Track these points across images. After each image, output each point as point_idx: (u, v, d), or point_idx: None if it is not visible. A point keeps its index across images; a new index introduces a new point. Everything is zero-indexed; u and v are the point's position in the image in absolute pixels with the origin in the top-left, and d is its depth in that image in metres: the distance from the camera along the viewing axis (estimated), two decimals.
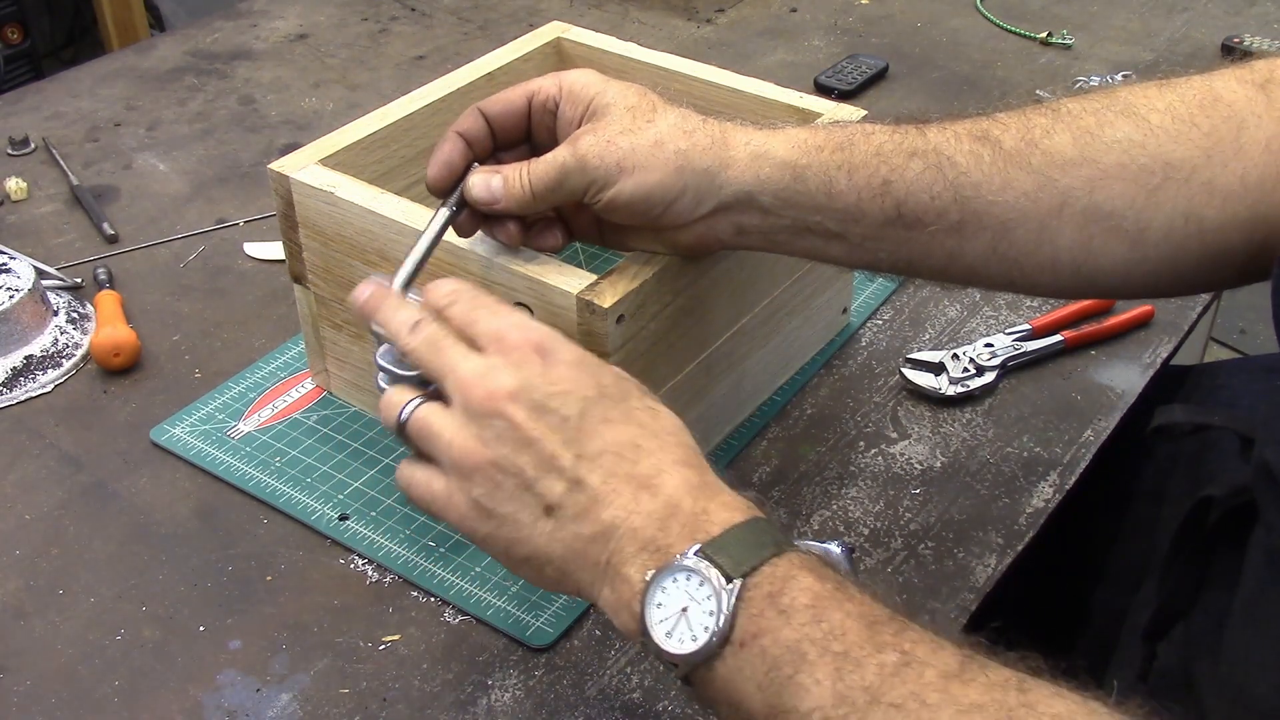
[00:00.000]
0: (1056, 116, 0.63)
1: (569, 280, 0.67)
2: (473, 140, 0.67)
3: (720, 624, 0.48)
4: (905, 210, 0.63)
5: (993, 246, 0.64)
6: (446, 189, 0.67)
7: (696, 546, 0.50)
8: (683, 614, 0.49)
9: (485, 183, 0.66)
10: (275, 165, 0.77)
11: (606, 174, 0.63)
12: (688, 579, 0.49)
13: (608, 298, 0.66)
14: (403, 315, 0.59)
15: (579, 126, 0.66)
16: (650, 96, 0.66)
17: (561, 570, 0.54)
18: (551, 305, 0.67)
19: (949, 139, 0.63)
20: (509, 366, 0.55)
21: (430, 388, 0.58)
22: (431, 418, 0.56)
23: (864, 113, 0.81)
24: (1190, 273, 0.64)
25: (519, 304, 0.69)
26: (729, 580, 0.49)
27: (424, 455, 0.57)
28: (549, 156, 0.65)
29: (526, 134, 0.69)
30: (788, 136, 0.65)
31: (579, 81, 0.67)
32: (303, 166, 0.77)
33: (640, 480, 0.53)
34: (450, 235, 0.70)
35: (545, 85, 0.68)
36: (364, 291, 0.61)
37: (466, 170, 0.67)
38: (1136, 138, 0.62)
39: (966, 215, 0.63)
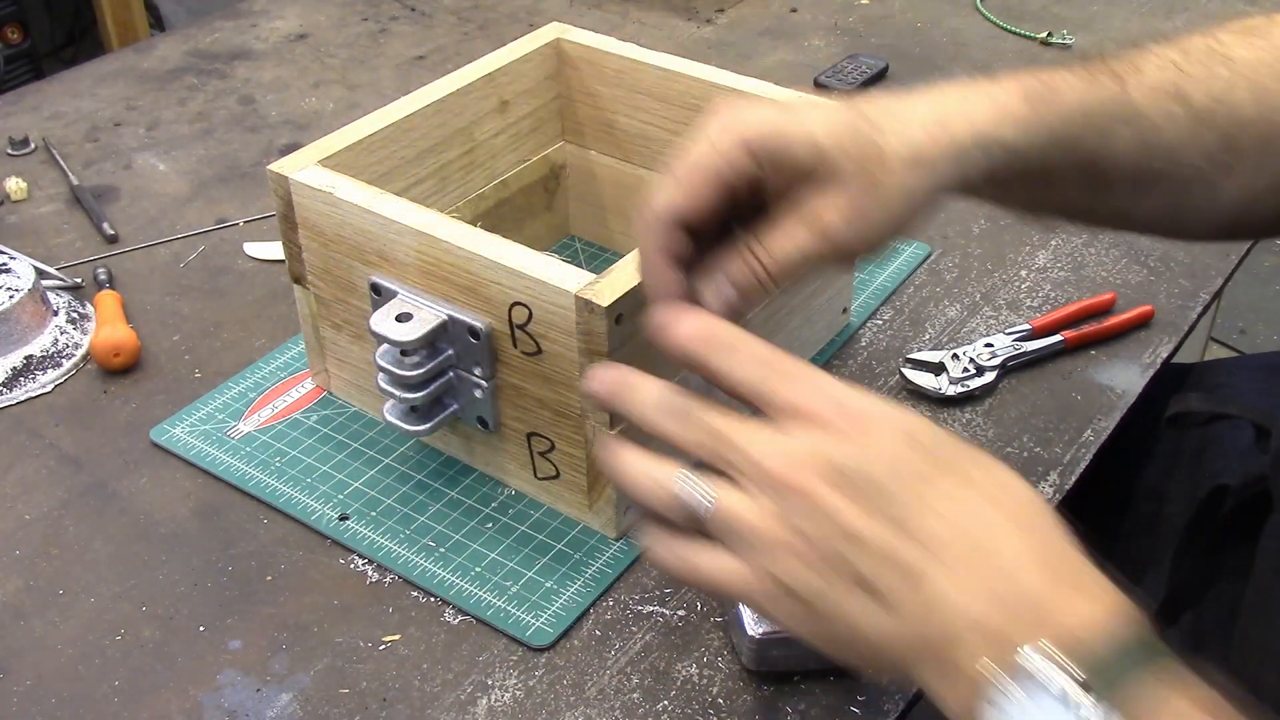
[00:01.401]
0: (1234, 69, 0.61)
1: (567, 279, 0.67)
2: (680, 256, 0.57)
3: None
4: (1106, 177, 0.61)
5: (1170, 203, 0.62)
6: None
7: (1050, 649, 0.41)
8: None
9: (718, 294, 0.56)
10: (275, 166, 0.77)
11: (857, 246, 0.56)
12: (1039, 691, 0.40)
13: (606, 296, 0.66)
14: (654, 398, 0.52)
15: (794, 189, 0.56)
16: (860, 120, 0.56)
17: (887, 657, 0.46)
18: (550, 304, 0.67)
19: (1150, 99, 0.60)
20: (803, 434, 0.48)
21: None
22: (729, 504, 0.49)
23: None
24: None
25: (516, 304, 0.69)
26: (1090, 694, 0.40)
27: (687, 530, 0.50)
28: (790, 241, 0.55)
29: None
30: (1013, 116, 0.57)
31: (774, 141, 0.55)
32: (302, 167, 0.76)
33: (981, 558, 0.45)
34: (446, 232, 0.70)
35: (731, 156, 0.55)
36: (602, 380, 0.53)
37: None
38: None
39: (1153, 175, 0.61)
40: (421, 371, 0.72)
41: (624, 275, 0.67)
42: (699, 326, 0.52)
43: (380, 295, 0.75)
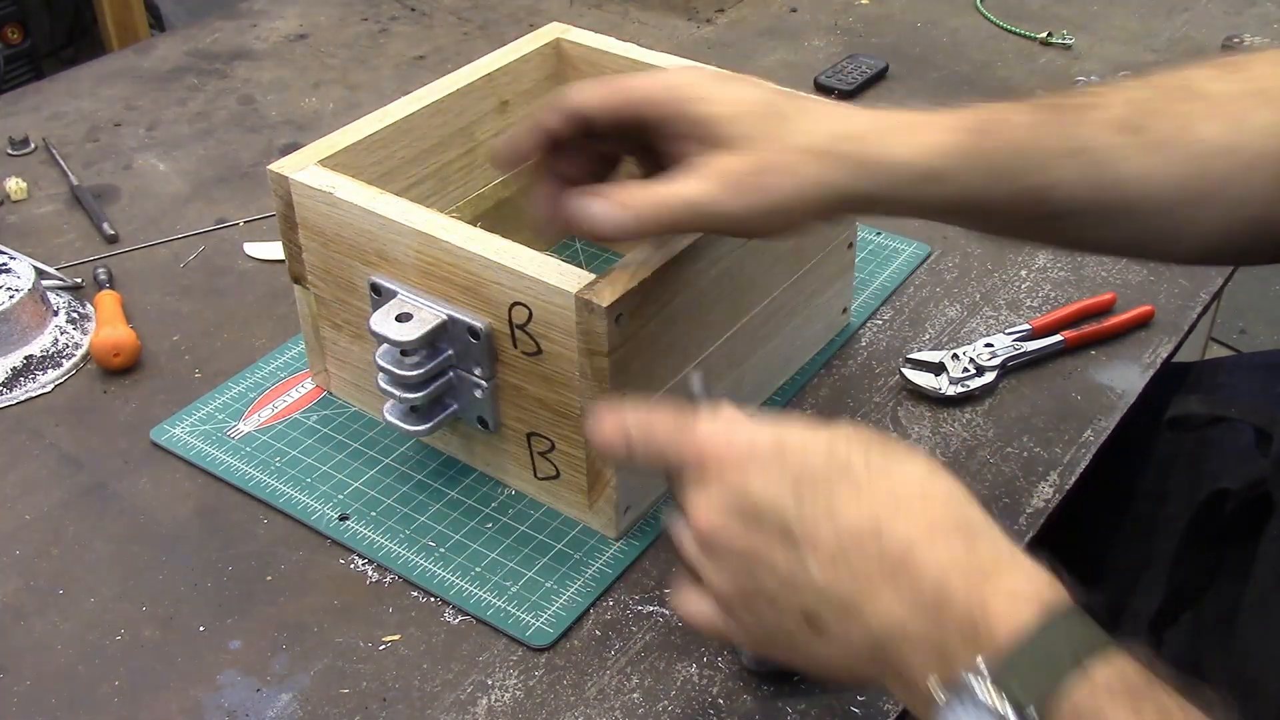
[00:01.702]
0: (1204, 103, 0.61)
1: (567, 279, 0.67)
2: (555, 136, 0.64)
3: None
4: (1058, 210, 0.61)
5: (1136, 231, 0.62)
6: (503, 165, 0.67)
7: (982, 665, 0.43)
8: None
9: (583, 208, 0.61)
10: (275, 166, 0.77)
11: (740, 220, 0.59)
12: (974, 712, 0.43)
13: (606, 296, 0.65)
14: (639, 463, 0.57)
15: (694, 145, 0.60)
16: (776, 110, 0.60)
17: (860, 676, 0.50)
18: (550, 304, 0.67)
19: (1103, 133, 0.60)
20: (709, 485, 0.51)
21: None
22: (689, 562, 0.54)
23: None
24: None
25: (516, 304, 0.69)
26: (1019, 713, 0.42)
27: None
28: (670, 190, 0.59)
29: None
30: (934, 144, 0.59)
31: (681, 93, 0.60)
32: (302, 167, 0.76)
33: (892, 566, 0.46)
34: (446, 232, 0.70)
35: (650, 91, 0.61)
36: (599, 432, 0.57)
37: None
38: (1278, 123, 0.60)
39: (1115, 207, 0.61)
40: (421, 372, 0.72)
41: (624, 275, 0.67)
42: (612, 426, 0.57)
43: (380, 295, 0.75)
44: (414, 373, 0.72)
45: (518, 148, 0.65)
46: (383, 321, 0.72)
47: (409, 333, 0.71)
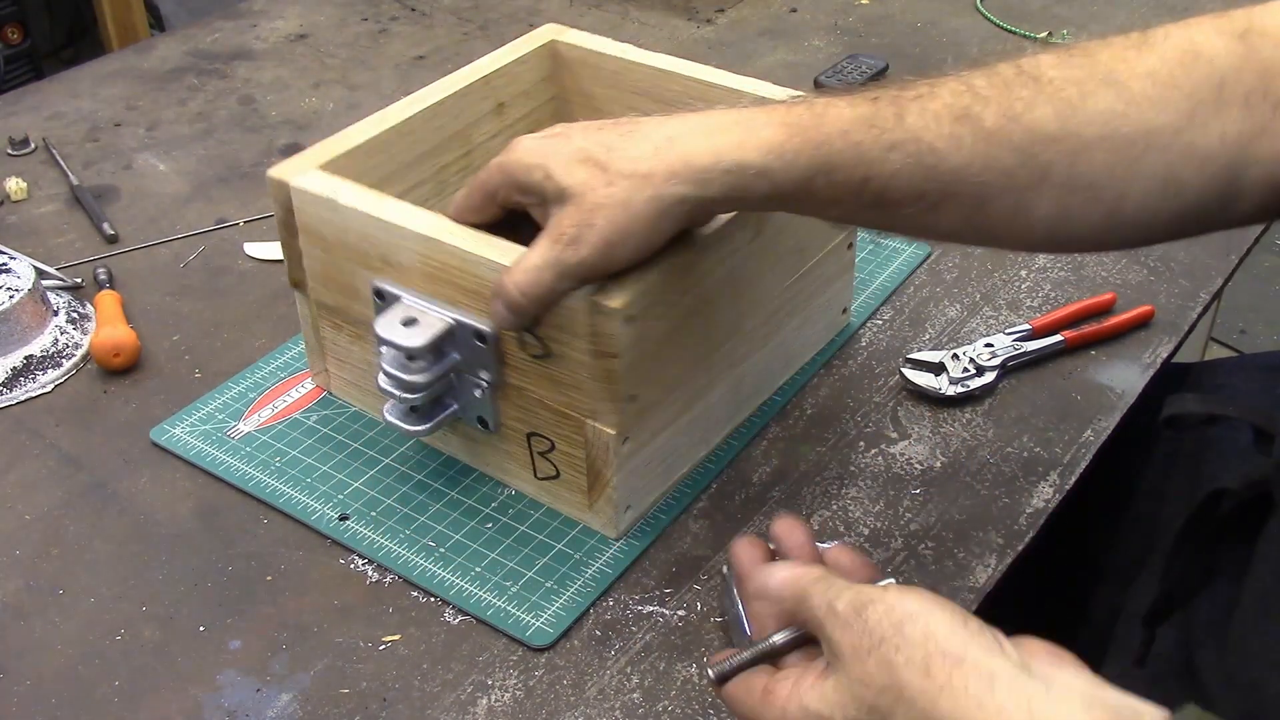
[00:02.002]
0: (1038, 87, 0.61)
1: None
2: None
3: None
4: (884, 199, 0.62)
5: (968, 219, 0.63)
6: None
7: None
8: None
9: (493, 314, 0.66)
10: (274, 172, 0.76)
11: (596, 263, 0.63)
12: None
13: (616, 298, 0.65)
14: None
15: (541, 210, 0.65)
16: (595, 146, 0.64)
17: None
18: (560, 307, 0.67)
19: (929, 123, 0.61)
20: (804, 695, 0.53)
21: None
22: None
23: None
24: (1162, 230, 0.64)
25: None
26: None
27: None
28: (529, 260, 0.64)
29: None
30: (762, 142, 0.62)
31: (520, 169, 0.66)
32: (302, 172, 0.76)
33: None
34: (450, 236, 0.70)
35: (495, 182, 0.67)
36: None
37: None
38: (1119, 108, 0.60)
39: (944, 196, 0.62)
40: (426, 376, 0.72)
41: (633, 277, 0.67)
42: (744, 554, 0.63)
43: (384, 300, 0.74)
44: (419, 377, 0.72)
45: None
46: (389, 326, 0.71)
47: (416, 338, 0.71)
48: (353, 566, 0.74)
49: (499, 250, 0.68)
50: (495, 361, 0.72)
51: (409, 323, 0.71)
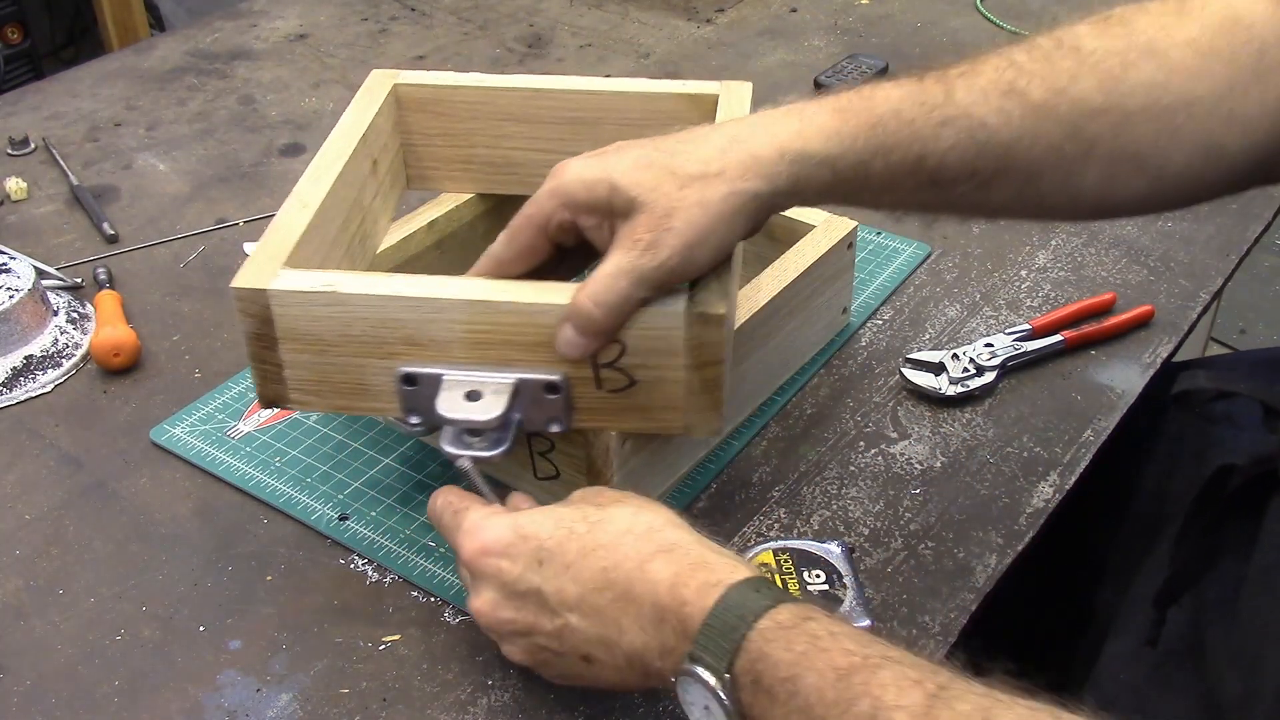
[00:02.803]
0: (1080, 60, 0.62)
1: (665, 298, 0.63)
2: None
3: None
4: (938, 177, 0.63)
5: (1018, 192, 0.64)
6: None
7: (689, 650, 0.53)
8: (706, 712, 0.53)
9: (563, 342, 0.63)
10: (240, 282, 0.65)
11: (677, 267, 0.61)
12: (695, 686, 0.53)
13: (716, 305, 0.62)
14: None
15: (614, 229, 0.62)
16: (656, 153, 0.62)
17: (635, 686, 0.59)
18: (652, 330, 0.63)
19: (977, 99, 0.62)
20: (476, 582, 0.62)
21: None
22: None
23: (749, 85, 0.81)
24: (1206, 193, 0.66)
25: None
26: (719, 678, 0.52)
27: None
28: (603, 270, 0.61)
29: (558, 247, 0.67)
30: (819, 129, 0.62)
31: (580, 188, 0.63)
32: (272, 275, 0.65)
33: (622, 600, 0.56)
34: (505, 294, 0.64)
35: (548, 210, 0.64)
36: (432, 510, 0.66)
37: None
38: (1160, 78, 0.61)
39: (996, 171, 0.62)
40: (500, 449, 0.66)
41: (714, 280, 0.64)
42: (439, 502, 0.66)
43: (417, 384, 0.67)
44: (490, 452, 0.66)
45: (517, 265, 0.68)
46: (454, 406, 0.65)
47: (489, 410, 0.64)
48: (353, 566, 0.74)
49: (560, 293, 0.63)
50: (565, 410, 0.67)
51: (473, 396, 0.65)
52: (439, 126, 0.85)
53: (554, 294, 0.63)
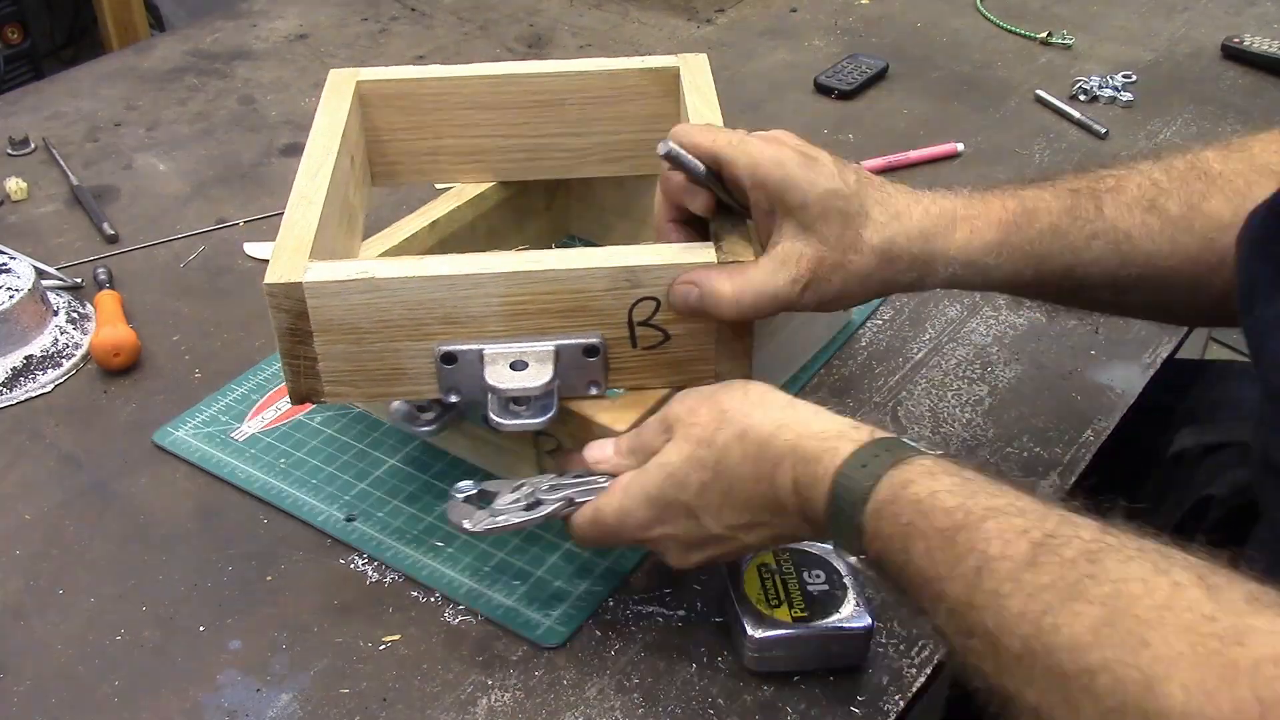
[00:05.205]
0: (1209, 180, 0.68)
1: (697, 252, 0.68)
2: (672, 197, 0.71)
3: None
4: (1083, 284, 0.69)
5: (1153, 298, 0.70)
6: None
7: (833, 539, 0.59)
8: None
9: (684, 296, 0.67)
10: (272, 278, 0.66)
11: (805, 308, 0.67)
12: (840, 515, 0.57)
13: (745, 252, 0.67)
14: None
15: (773, 220, 0.67)
16: (852, 206, 0.66)
17: (773, 543, 0.66)
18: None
19: (1123, 213, 0.68)
20: (661, 551, 0.66)
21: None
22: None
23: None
24: None
25: (641, 300, 0.69)
26: (857, 558, 0.57)
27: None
28: (759, 281, 0.66)
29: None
30: (983, 244, 0.67)
31: (771, 175, 0.66)
32: (302, 268, 0.66)
33: (770, 513, 0.61)
34: (539, 264, 0.67)
35: (734, 158, 0.67)
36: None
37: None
38: None
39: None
40: (546, 416, 0.68)
41: (731, 233, 0.68)
42: (596, 453, 0.69)
43: (455, 362, 0.68)
44: (538, 419, 0.68)
45: (673, 198, 0.71)
46: (501, 377, 0.67)
47: (538, 376, 0.67)
48: (353, 566, 0.74)
49: (601, 256, 0.67)
50: (603, 371, 0.69)
51: (518, 366, 0.67)
52: (405, 121, 0.86)
53: (585, 259, 0.67)
